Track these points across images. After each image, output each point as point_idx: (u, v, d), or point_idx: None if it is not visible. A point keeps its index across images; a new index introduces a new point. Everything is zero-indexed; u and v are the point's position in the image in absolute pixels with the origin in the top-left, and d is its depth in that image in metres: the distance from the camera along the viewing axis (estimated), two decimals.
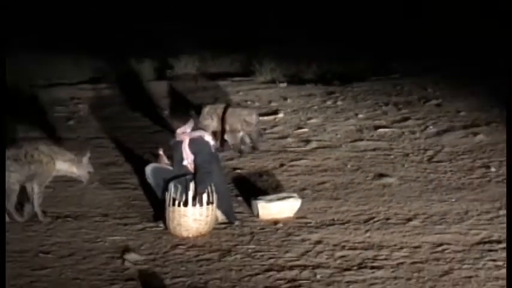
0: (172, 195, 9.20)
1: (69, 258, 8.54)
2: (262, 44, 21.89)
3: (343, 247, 8.73)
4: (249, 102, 16.31)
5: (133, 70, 20.68)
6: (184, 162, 9.64)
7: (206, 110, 13.04)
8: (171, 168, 9.78)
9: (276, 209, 9.72)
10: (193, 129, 9.82)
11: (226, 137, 12.82)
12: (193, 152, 9.58)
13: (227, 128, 12.76)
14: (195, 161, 9.57)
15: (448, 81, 17.40)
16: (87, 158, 9.87)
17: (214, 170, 9.60)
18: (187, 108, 10.50)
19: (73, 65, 21.31)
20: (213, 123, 12.85)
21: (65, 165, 9.71)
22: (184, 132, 9.69)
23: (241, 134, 12.81)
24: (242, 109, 13.53)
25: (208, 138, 9.95)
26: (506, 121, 12.49)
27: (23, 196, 9.73)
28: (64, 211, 9.99)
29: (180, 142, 9.66)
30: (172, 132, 10.22)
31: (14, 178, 9.42)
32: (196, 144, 9.62)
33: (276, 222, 9.55)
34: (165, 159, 9.90)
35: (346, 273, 8.02)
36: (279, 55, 20.60)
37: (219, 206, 9.47)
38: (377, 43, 21.40)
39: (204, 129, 10.42)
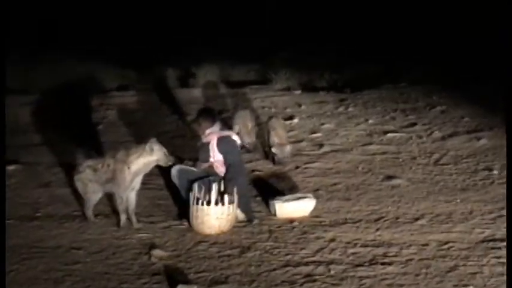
0: (196, 195, 9.19)
1: (99, 254, 8.53)
2: (278, 54, 21.88)
3: (355, 244, 8.69)
4: (265, 109, 16.26)
5: (158, 78, 20.73)
6: (210, 160, 9.60)
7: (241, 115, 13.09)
8: (195, 169, 9.77)
9: (292, 208, 9.69)
10: (221, 129, 9.83)
11: (274, 150, 12.24)
12: (222, 152, 9.56)
13: (276, 140, 12.27)
14: (226, 160, 9.56)
15: (452, 89, 17.32)
16: (155, 143, 9.37)
17: (242, 171, 9.63)
18: (213, 111, 10.39)
19: (103, 74, 21.38)
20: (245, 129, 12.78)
21: (139, 163, 9.31)
22: (212, 132, 9.66)
23: (288, 147, 12.36)
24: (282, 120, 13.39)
25: (236, 137, 9.97)
26: (506, 124, 12.37)
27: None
28: (94, 210, 9.97)
29: (207, 143, 9.63)
30: (195, 136, 10.22)
31: (91, 187, 9.36)
32: (226, 143, 9.63)
33: (292, 221, 9.52)
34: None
35: (358, 269, 7.98)
36: (293, 64, 20.63)
37: (239, 206, 9.46)
38: (385, 53, 21.35)
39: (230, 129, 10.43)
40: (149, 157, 9.30)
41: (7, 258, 8.20)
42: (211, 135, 9.65)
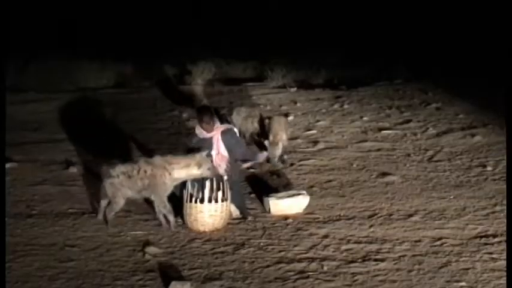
0: (190, 192, 9.20)
1: (93, 251, 8.56)
2: (273, 51, 21.89)
3: (348, 241, 8.72)
4: (261, 106, 16.27)
5: (154, 76, 20.75)
6: (213, 153, 9.61)
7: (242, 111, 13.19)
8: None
9: (286, 205, 9.72)
10: (221, 123, 9.89)
11: (268, 146, 12.18)
12: (228, 144, 9.59)
13: (271, 138, 12.17)
14: (231, 154, 9.66)
15: (447, 86, 17.35)
16: (205, 160, 9.28)
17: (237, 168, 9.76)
18: (211, 108, 10.35)
19: (98, 71, 21.42)
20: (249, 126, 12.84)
21: (183, 172, 9.25)
22: (216, 127, 9.67)
23: (281, 145, 12.21)
24: (286, 120, 13.27)
25: (236, 130, 10.04)
26: (505, 121, 12.40)
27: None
28: (90, 207, 9.99)
29: (209, 138, 9.63)
30: (190, 133, 10.25)
31: (123, 193, 9.27)
32: (231, 136, 9.69)
33: (286, 217, 9.54)
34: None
35: (352, 265, 8.01)
36: (289, 62, 20.62)
37: (234, 202, 9.49)
38: (381, 50, 21.38)
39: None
40: (195, 171, 9.27)
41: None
42: (216, 129, 9.67)
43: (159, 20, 25.44)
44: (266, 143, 12.23)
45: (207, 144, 9.64)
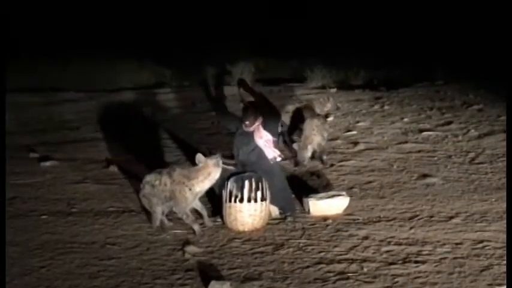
0: (229, 191, 9.23)
1: (133, 250, 8.62)
2: (313, 52, 21.87)
3: (388, 242, 8.68)
4: (297, 106, 16.22)
5: (193, 76, 20.83)
6: (261, 142, 9.76)
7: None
8: (230, 167, 9.82)
9: (325, 206, 9.70)
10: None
11: (297, 149, 12.31)
12: (268, 128, 9.89)
13: (302, 140, 12.22)
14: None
15: (489, 87, 17.21)
16: (215, 160, 9.25)
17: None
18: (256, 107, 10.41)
19: (138, 71, 21.59)
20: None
21: (203, 184, 9.22)
22: (257, 125, 9.81)
23: (311, 148, 12.17)
24: (322, 121, 12.60)
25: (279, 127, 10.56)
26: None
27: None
28: (130, 206, 10.07)
29: (251, 132, 9.73)
30: (229, 133, 10.33)
31: (155, 201, 9.23)
32: (271, 124, 10.02)
33: (325, 218, 9.52)
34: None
35: (392, 267, 7.97)
36: (329, 63, 20.58)
37: (275, 202, 9.59)
38: (420, 51, 21.28)
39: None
40: (214, 175, 9.23)
41: (40, 253, 8.35)
42: (257, 126, 9.81)
43: (199, 19, 25.55)
44: (295, 145, 12.27)
45: (247, 138, 9.74)
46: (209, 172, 9.19)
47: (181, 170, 9.32)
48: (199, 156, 9.21)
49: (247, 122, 9.74)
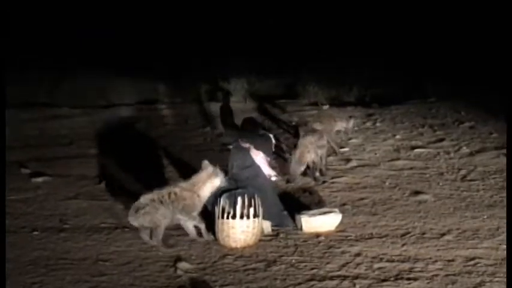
0: (221, 208, 9.23)
1: (126, 266, 8.59)
2: (305, 69, 21.94)
3: (381, 259, 8.68)
4: (293, 123, 16.27)
5: (186, 92, 20.88)
6: (258, 159, 9.85)
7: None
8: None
9: (318, 223, 9.70)
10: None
11: (290, 164, 12.28)
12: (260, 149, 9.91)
13: (297, 156, 12.13)
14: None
15: (480, 105, 17.27)
16: (216, 170, 9.47)
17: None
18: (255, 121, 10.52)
19: (131, 88, 21.63)
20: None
21: (207, 190, 9.42)
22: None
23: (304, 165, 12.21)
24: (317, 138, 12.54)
25: (273, 141, 10.36)
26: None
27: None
28: (123, 222, 10.06)
29: (247, 147, 9.78)
30: (223, 150, 10.35)
31: (161, 216, 9.20)
32: (264, 140, 10.04)
33: (318, 235, 9.52)
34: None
35: (384, 284, 7.96)
36: (321, 79, 20.65)
37: (271, 218, 9.63)
38: (413, 69, 21.37)
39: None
40: (216, 182, 9.40)
41: (32, 270, 8.33)
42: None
43: (192, 36, 25.60)
44: (289, 160, 12.33)
45: (242, 153, 9.78)
46: (210, 176, 9.36)
47: (186, 181, 9.48)
48: (205, 162, 9.48)
49: (244, 139, 9.79)
